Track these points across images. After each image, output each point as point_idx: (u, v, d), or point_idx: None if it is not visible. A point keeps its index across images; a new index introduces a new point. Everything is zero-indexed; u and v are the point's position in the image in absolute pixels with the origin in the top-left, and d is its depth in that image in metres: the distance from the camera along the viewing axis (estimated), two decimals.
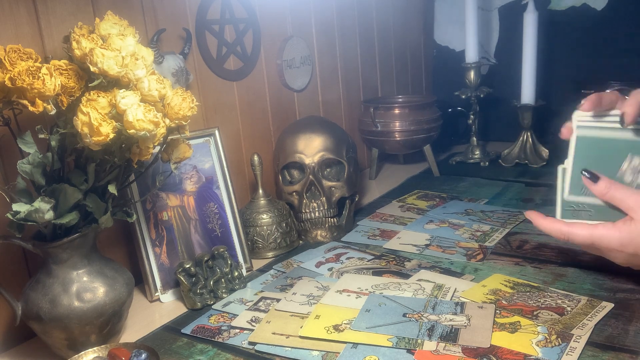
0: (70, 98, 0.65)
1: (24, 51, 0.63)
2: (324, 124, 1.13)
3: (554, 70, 1.55)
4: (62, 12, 0.82)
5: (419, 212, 1.17)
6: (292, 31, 1.27)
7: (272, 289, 0.88)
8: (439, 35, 1.79)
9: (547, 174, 1.37)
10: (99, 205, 0.69)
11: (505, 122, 1.64)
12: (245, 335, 0.75)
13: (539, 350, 0.66)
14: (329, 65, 1.40)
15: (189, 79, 0.99)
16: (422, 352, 0.67)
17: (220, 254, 0.90)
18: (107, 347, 0.69)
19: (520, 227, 1.04)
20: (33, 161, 0.66)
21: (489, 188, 1.30)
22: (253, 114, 1.19)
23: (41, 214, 0.63)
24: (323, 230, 1.06)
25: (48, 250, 0.69)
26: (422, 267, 0.91)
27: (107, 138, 0.62)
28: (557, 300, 0.77)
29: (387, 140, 1.40)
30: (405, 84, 1.74)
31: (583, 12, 1.51)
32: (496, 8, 1.65)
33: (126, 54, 0.66)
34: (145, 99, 0.67)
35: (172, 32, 0.99)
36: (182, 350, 0.74)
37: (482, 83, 1.50)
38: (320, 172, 1.08)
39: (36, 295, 0.69)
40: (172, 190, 0.92)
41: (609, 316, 0.72)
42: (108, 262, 0.75)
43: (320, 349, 0.70)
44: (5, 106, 0.65)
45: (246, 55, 1.16)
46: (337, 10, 1.41)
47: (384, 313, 0.76)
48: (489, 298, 0.79)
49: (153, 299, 0.89)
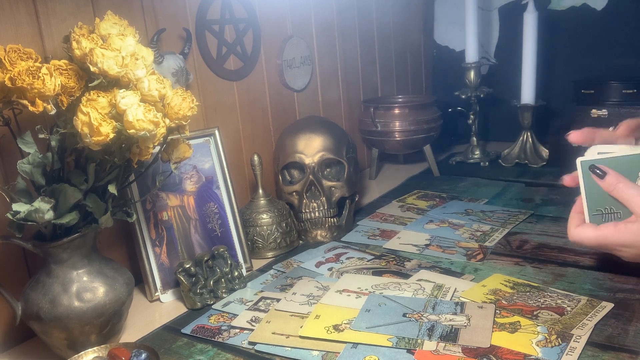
0: (70, 98, 0.65)
1: (24, 51, 0.63)
2: (324, 124, 1.13)
3: (554, 70, 1.56)
4: (62, 12, 0.82)
5: (419, 212, 1.17)
6: (292, 31, 1.27)
7: (272, 289, 0.88)
8: (439, 35, 1.80)
9: (547, 174, 1.37)
10: (99, 205, 0.69)
11: (505, 122, 1.64)
12: (245, 335, 0.75)
13: (539, 350, 0.66)
14: (329, 65, 1.40)
15: (189, 79, 0.99)
16: (422, 352, 0.67)
17: (220, 254, 0.90)
18: (107, 347, 0.69)
19: (520, 227, 1.04)
20: (33, 161, 0.66)
21: (489, 188, 1.30)
22: (253, 114, 1.19)
23: (41, 214, 0.63)
24: (323, 230, 1.06)
25: (48, 250, 0.69)
26: (422, 267, 0.91)
27: (107, 138, 0.62)
28: (557, 300, 0.77)
29: (387, 140, 1.40)
30: (405, 84, 1.74)
31: (583, 12, 1.51)
32: (496, 8, 1.65)
33: (126, 54, 0.66)
34: (145, 99, 0.67)
35: (172, 32, 0.99)
36: (182, 350, 0.74)
37: (482, 83, 1.51)
38: (320, 172, 1.08)
39: (36, 295, 0.69)
40: (172, 190, 0.92)
41: (609, 316, 0.72)
42: (108, 262, 0.75)
43: (320, 348, 0.70)
44: (5, 106, 0.65)
45: (246, 55, 1.16)
46: (337, 10, 1.41)
47: (384, 313, 0.76)
48: (489, 298, 0.79)
49: (153, 299, 0.89)
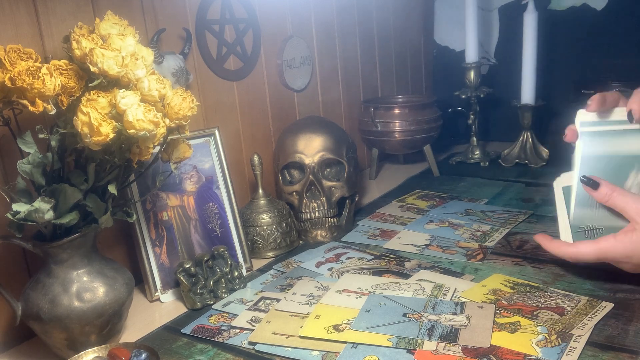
0: (70, 98, 0.65)
1: (24, 51, 0.63)
2: (324, 124, 1.13)
3: (554, 70, 1.55)
4: (62, 12, 0.82)
5: (419, 212, 1.17)
6: (292, 31, 1.27)
7: (272, 289, 0.88)
8: (439, 35, 1.79)
9: (547, 174, 1.37)
10: (99, 205, 0.69)
11: (505, 122, 1.64)
12: (245, 335, 0.75)
13: (539, 350, 0.66)
14: (329, 65, 1.40)
15: (189, 79, 0.99)
16: (422, 352, 0.67)
17: (220, 254, 0.90)
18: (107, 347, 0.69)
19: (520, 227, 1.04)
20: (33, 161, 0.66)
21: (489, 188, 1.30)
22: (253, 114, 1.19)
23: (41, 214, 0.63)
24: (323, 230, 1.06)
25: (48, 250, 0.69)
26: (422, 267, 0.91)
27: (107, 138, 0.62)
28: (557, 300, 0.77)
29: (387, 140, 1.40)
30: (405, 84, 1.74)
31: (583, 12, 1.51)
32: (496, 8, 1.65)
33: (126, 54, 0.66)
34: (145, 99, 0.67)
35: (172, 32, 0.99)
36: (182, 350, 0.74)
37: (482, 83, 1.50)
38: (320, 172, 1.08)
39: (36, 295, 0.69)
40: (172, 190, 0.92)
41: (609, 316, 0.72)
42: (108, 262, 0.75)
43: (320, 349, 0.70)
44: (5, 106, 0.65)
45: (246, 55, 1.16)
46: (337, 10, 1.41)
47: (384, 313, 0.76)
48: (489, 298, 0.79)
49: (153, 299, 0.89)
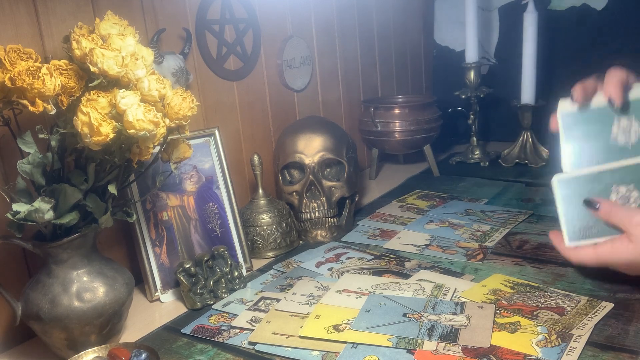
0: (70, 98, 0.65)
1: (24, 51, 0.63)
2: (324, 124, 1.13)
3: (554, 70, 1.55)
4: (62, 12, 0.82)
5: (419, 212, 1.17)
6: (292, 31, 1.27)
7: (272, 289, 0.88)
8: (439, 35, 1.79)
9: (547, 174, 1.36)
10: (99, 205, 0.69)
11: (505, 122, 1.64)
12: (245, 335, 0.75)
13: (539, 350, 0.66)
14: (329, 65, 1.40)
15: (189, 79, 0.99)
16: (422, 352, 0.67)
17: (220, 254, 0.90)
18: (107, 347, 0.69)
19: (520, 227, 1.04)
20: (33, 161, 0.66)
21: (489, 188, 1.30)
22: (253, 114, 1.19)
23: (41, 214, 0.63)
24: (323, 230, 1.06)
25: (48, 250, 0.69)
26: (422, 267, 0.91)
27: (107, 138, 0.62)
28: (557, 300, 0.77)
29: (387, 140, 1.40)
30: (405, 84, 1.74)
31: (583, 12, 1.51)
32: (496, 8, 1.65)
33: (126, 54, 0.66)
34: (145, 99, 0.67)
35: (172, 32, 0.99)
36: (182, 350, 0.74)
37: (482, 83, 1.50)
38: (320, 172, 1.08)
39: (36, 295, 0.69)
40: (172, 190, 0.92)
41: (609, 316, 0.72)
42: (108, 262, 0.75)
43: (320, 349, 0.70)
44: (5, 106, 0.65)
45: (246, 55, 1.16)
46: (337, 10, 1.41)
47: (384, 313, 0.76)
48: (489, 298, 0.79)
49: (153, 299, 0.89)
